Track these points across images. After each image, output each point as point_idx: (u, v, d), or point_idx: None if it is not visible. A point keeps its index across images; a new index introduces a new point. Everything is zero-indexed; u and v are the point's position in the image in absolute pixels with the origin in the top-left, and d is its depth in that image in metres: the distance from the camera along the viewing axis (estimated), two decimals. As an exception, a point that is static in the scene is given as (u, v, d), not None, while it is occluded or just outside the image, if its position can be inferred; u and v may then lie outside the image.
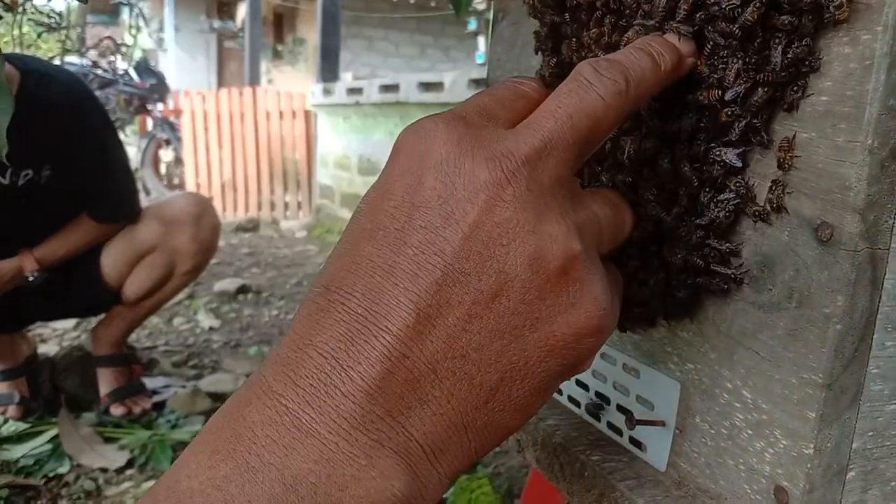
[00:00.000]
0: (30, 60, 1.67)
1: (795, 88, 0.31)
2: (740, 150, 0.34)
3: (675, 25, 0.34)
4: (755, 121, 0.33)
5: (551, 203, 0.28)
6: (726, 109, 0.33)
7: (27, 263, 1.68)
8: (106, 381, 1.84)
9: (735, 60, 0.32)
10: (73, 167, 1.66)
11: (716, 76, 0.33)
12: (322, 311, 0.28)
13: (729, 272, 0.35)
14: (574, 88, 0.30)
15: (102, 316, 1.93)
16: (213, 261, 2.66)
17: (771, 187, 0.33)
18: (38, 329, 2.39)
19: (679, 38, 0.34)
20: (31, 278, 1.68)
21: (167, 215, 1.84)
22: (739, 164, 0.34)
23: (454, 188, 0.27)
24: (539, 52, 0.46)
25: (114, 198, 1.79)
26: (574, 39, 0.42)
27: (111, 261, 1.81)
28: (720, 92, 0.33)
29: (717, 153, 0.34)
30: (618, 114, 0.30)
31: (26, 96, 1.53)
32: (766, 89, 0.32)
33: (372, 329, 0.27)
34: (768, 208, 0.33)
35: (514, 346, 0.28)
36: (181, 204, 1.89)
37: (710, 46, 0.33)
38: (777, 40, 0.31)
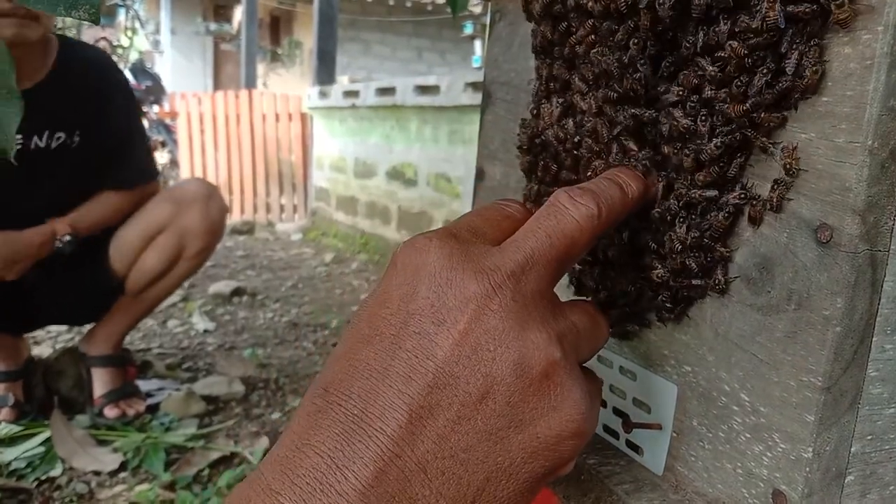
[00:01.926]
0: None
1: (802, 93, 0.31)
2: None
3: (642, 160, 0.37)
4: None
5: (534, 313, 0.30)
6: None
7: (60, 227, 1.69)
8: (100, 383, 1.83)
9: (763, 74, 0.32)
10: (103, 132, 1.72)
11: (738, 89, 0.33)
12: (320, 412, 0.29)
13: (719, 278, 0.35)
14: (553, 212, 0.33)
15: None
16: (209, 263, 2.65)
17: (773, 186, 0.33)
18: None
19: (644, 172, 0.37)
20: (61, 244, 1.68)
21: (177, 196, 1.88)
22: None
23: (446, 298, 0.30)
24: (536, 54, 0.46)
25: (137, 163, 1.86)
26: (569, 46, 0.42)
27: (120, 245, 1.82)
28: (743, 106, 0.33)
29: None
30: (591, 235, 0.33)
31: (64, 60, 1.63)
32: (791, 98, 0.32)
33: (367, 430, 0.28)
34: (768, 208, 0.33)
35: (500, 448, 0.29)
36: (191, 187, 1.95)
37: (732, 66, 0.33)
38: (793, 47, 0.31)
